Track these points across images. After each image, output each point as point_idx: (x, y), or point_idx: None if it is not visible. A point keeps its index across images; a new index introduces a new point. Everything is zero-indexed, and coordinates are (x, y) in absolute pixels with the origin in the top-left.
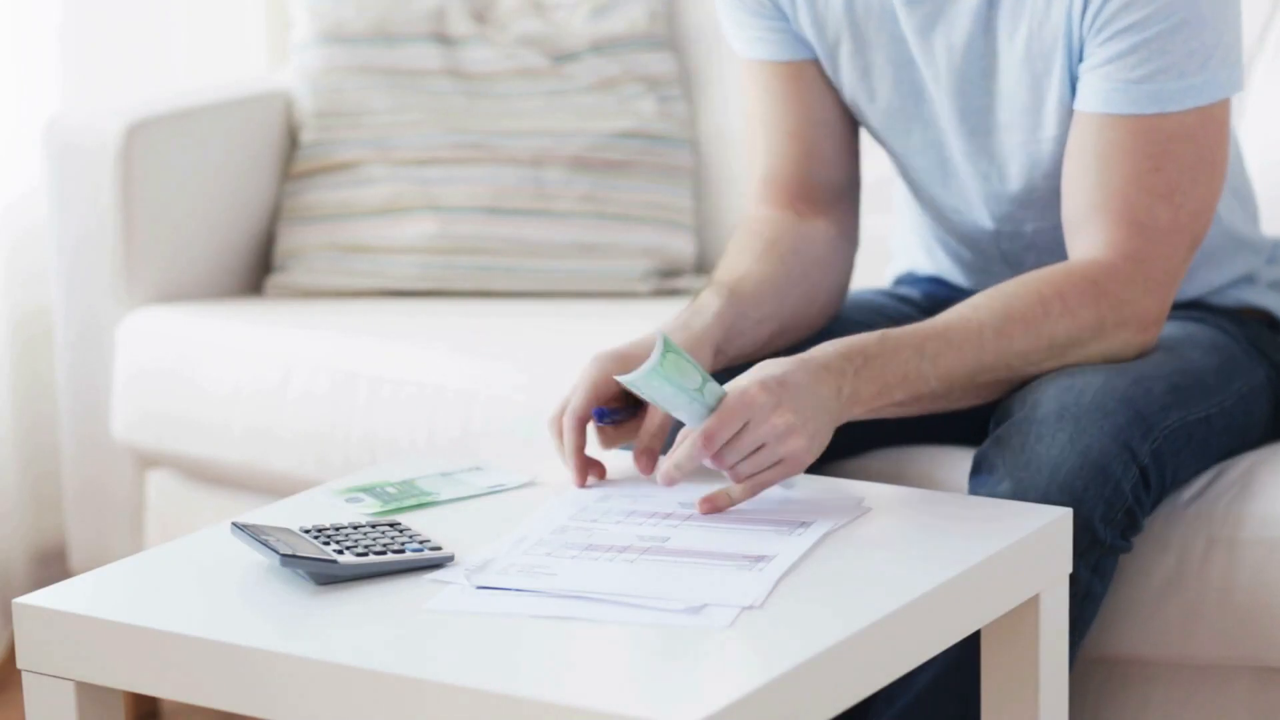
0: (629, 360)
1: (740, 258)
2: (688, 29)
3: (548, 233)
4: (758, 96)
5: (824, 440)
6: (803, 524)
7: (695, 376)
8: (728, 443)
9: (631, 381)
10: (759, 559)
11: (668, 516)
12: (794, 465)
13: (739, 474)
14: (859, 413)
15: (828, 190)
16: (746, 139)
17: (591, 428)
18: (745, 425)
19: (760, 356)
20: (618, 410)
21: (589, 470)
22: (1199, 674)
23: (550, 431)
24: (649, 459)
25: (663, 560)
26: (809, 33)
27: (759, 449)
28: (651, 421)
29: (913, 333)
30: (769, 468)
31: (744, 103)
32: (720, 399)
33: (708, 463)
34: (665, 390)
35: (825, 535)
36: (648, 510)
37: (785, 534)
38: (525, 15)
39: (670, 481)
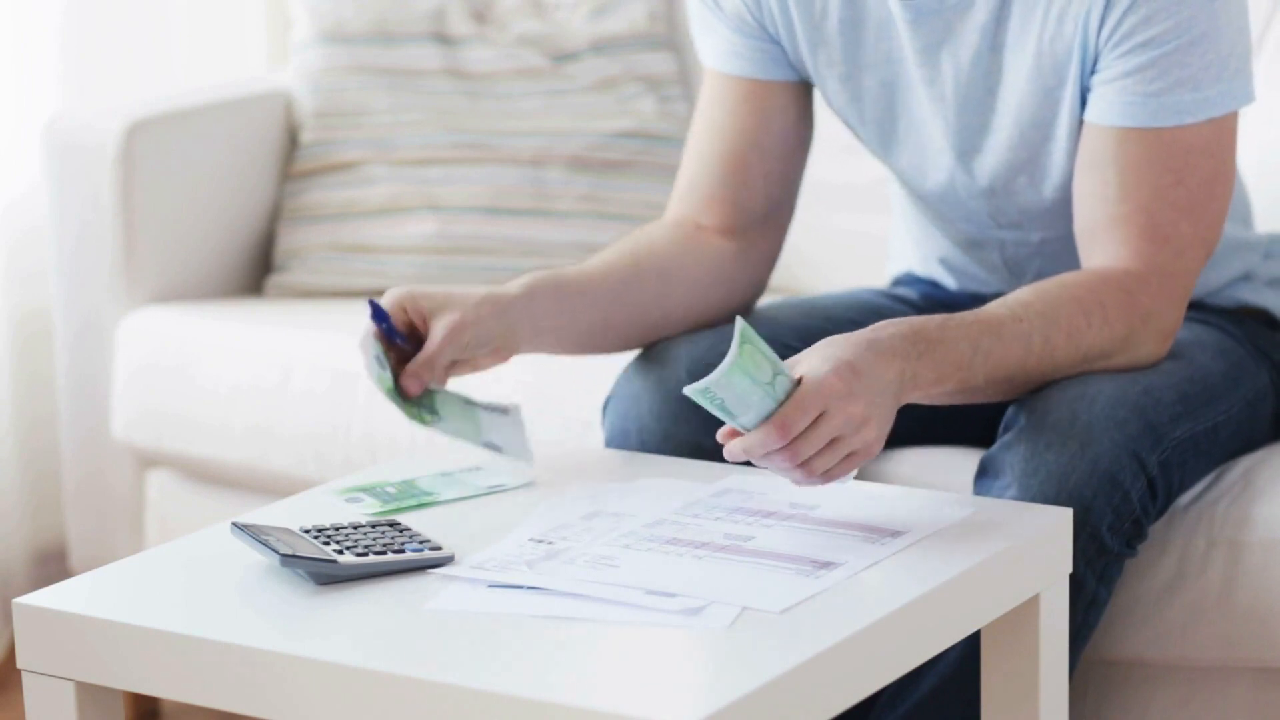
0: (422, 295)
1: (598, 254)
2: (688, 29)
3: (548, 233)
4: (709, 107)
5: (889, 427)
6: (895, 533)
7: (768, 369)
8: (803, 434)
9: (708, 386)
10: (824, 565)
11: (769, 515)
12: (865, 456)
13: (813, 469)
14: (916, 397)
15: (748, 214)
16: (687, 143)
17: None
18: (821, 415)
19: (588, 342)
20: (399, 335)
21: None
22: (1200, 675)
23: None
24: (416, 382)
25: (731, 560)
26: (804, 53)
27: (833, 442)
28: (427, 350)
29: (969, 325)
30: (841, 461)
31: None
32: (789, 391)
33: (776, 464)
34: (742, 386)
35: (906, 547)
36: (754, 507)
37: (870, 542)
38: (525, 15)
39: (735, 459)
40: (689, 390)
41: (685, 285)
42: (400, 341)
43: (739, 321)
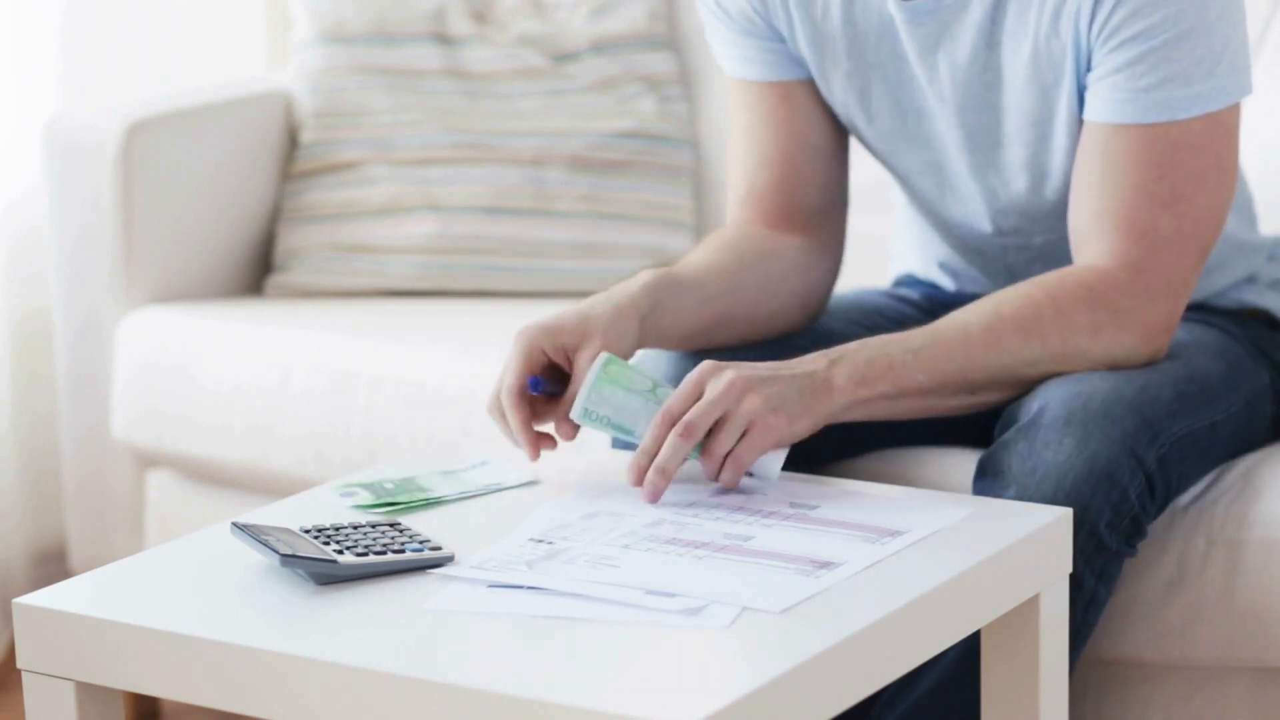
0: (557, 331)
1: (694, 251)
2: (688, 29)
3: (548, 233)
4: (744, 114)
5: (796, 416)
6: (894, 533)
7: (645, 381)
8: (688, 413)
9: (584, 405)
10: (825, 565)
11: (769, 515)
12: (762, 431)
13: (714, 452)
14: (843, 401)
15: (808, 210)
16: (729, 150)
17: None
18: (701, 395)
19: (702, 340)
20: (552, 382)
21: (540, 443)
22: (1199, 675)
23: (492, 415)
24: (570, 427)
25: (730, 559)
26: (806, 52)
27: (723, 419)
28: (573, 390)
29: (900, 332)
30: (740, 440)
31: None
32: None
33: (679, 455)
34: (617, 398)
35: (906, 547)
36: (754, 507)
37: (869, 541)
38: (525, 15)
39: (640, 473)
40: (573, 417)
41: (783, 280)
42: (551, 391)
43: (601, 353)
